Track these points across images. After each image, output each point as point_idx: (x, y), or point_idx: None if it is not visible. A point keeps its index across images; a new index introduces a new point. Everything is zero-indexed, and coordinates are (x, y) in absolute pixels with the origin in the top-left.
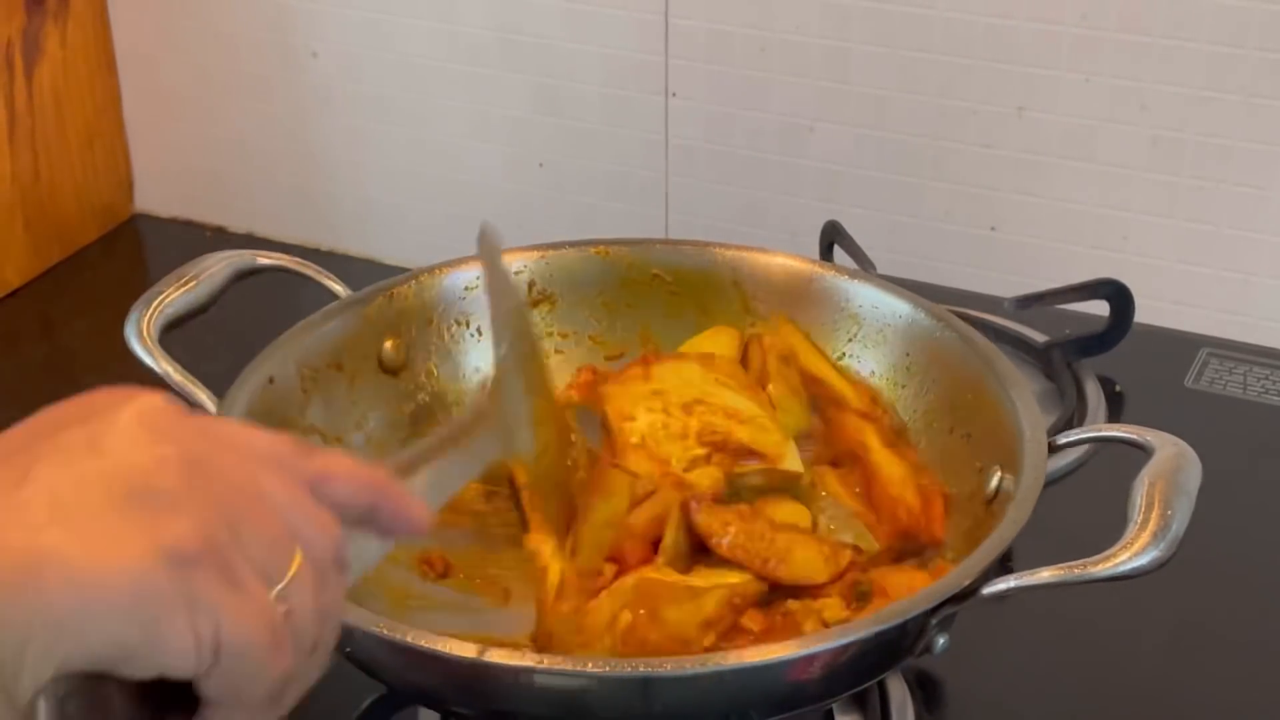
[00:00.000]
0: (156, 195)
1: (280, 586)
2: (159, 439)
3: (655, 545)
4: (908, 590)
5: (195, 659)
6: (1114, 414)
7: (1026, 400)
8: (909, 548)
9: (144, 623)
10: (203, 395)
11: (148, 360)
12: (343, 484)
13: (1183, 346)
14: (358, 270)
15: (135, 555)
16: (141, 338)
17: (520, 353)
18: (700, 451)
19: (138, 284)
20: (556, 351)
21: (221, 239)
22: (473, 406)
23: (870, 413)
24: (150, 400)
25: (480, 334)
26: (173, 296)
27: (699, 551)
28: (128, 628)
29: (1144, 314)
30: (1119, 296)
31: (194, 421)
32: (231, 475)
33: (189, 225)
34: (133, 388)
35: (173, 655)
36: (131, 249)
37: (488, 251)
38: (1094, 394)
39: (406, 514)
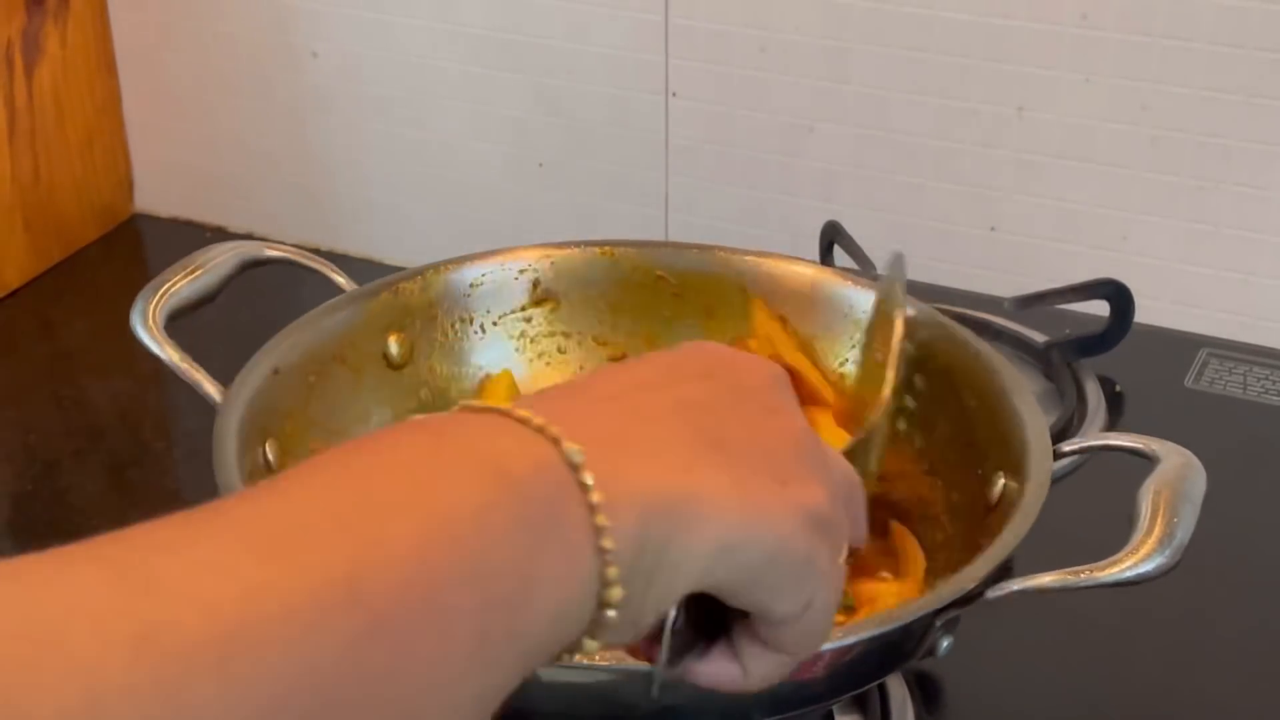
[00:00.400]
0: (156, 195)
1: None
2: (797, 412)
3: None
4: (884, 601)
5: (794, 611)
6: (1114, 414)
7: (1031, 406)
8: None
9: (777, 569)
10: (207, 384)
11: (154, 348)
12: (839, 468)
13: (1183, 346)
14: (357, 270)
15: (790, 511)
16: (148, 325)
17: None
18: None
19: (138, 284)
20: (559, 352)
21: (221, 239)
22: (876, 416)
23: (843, 409)
24: (775, 369)
25: (484, 331)
26: (179, 285)
27: None
28: (764, 571)
29: (1144, 314)
30: (1119, 296)
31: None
32: (829, 464)
33: (189, 225)
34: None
35: (782, 603)
36: (131, 249)
37: (898, 273)
38: (1094, 394)
39: (864, 517)
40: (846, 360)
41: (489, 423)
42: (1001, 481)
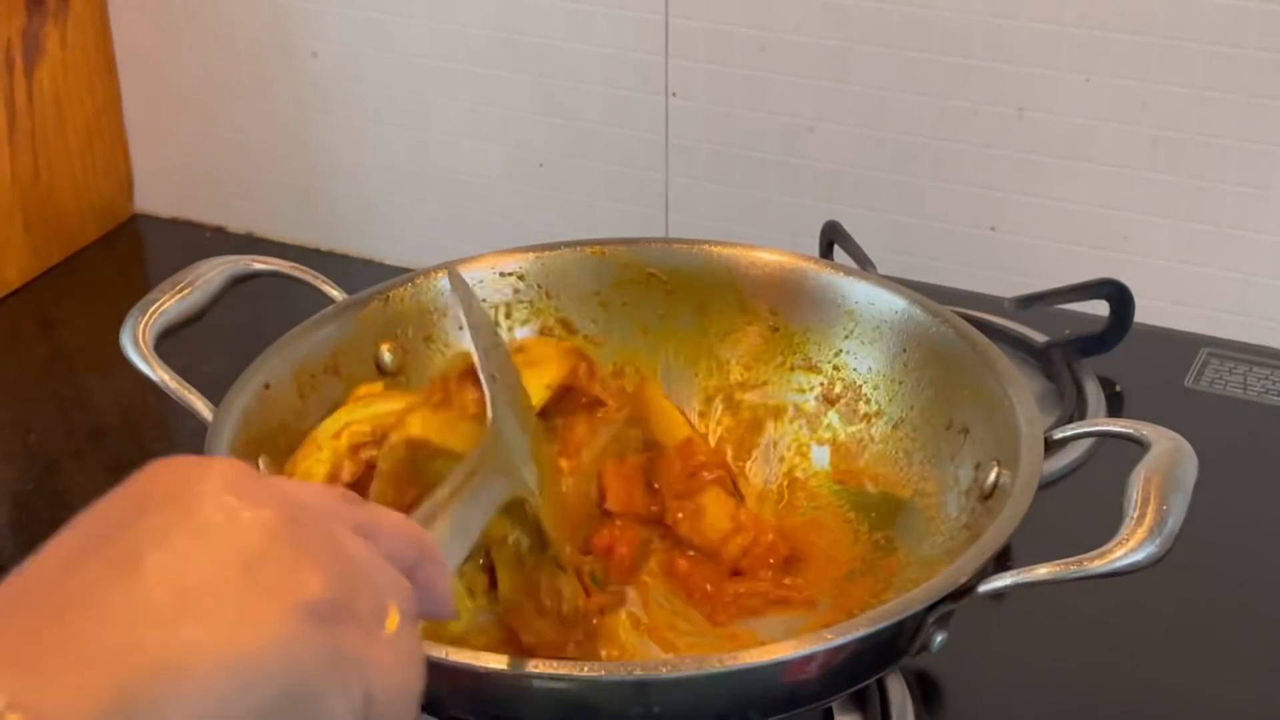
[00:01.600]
0: (156, 195)
1: (391, 627)
2: (250, 504)
3: None
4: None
5: (353, 718)
6: (1114, 414)
7: (1023, 396)
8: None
9: (303, 690)
10: (198, 402)
11: (144, 368)
12: (391, 538)
13: (1183, 346)
14: (357, 270)
15: (278, 621)
16: (137, 345)
17: (508, 387)
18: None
19: (138, 284)
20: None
21: (221, 239)
22: (476, 450)
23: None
24: (225, 467)
25: None
26: (168, 303)
27: None
28: (287, 701)
29: (1144, 314)
30: (1119, 296)
31: (268, 482)
32: (322, 535)
33: (189, 225)
34: (195, 458)
35: (334, 716)
36: (131, 249)
37: (462, 290)
38: (1094, 394)
39: (443, 584)
40: (840, 351)
41: None
42: (995, 472)
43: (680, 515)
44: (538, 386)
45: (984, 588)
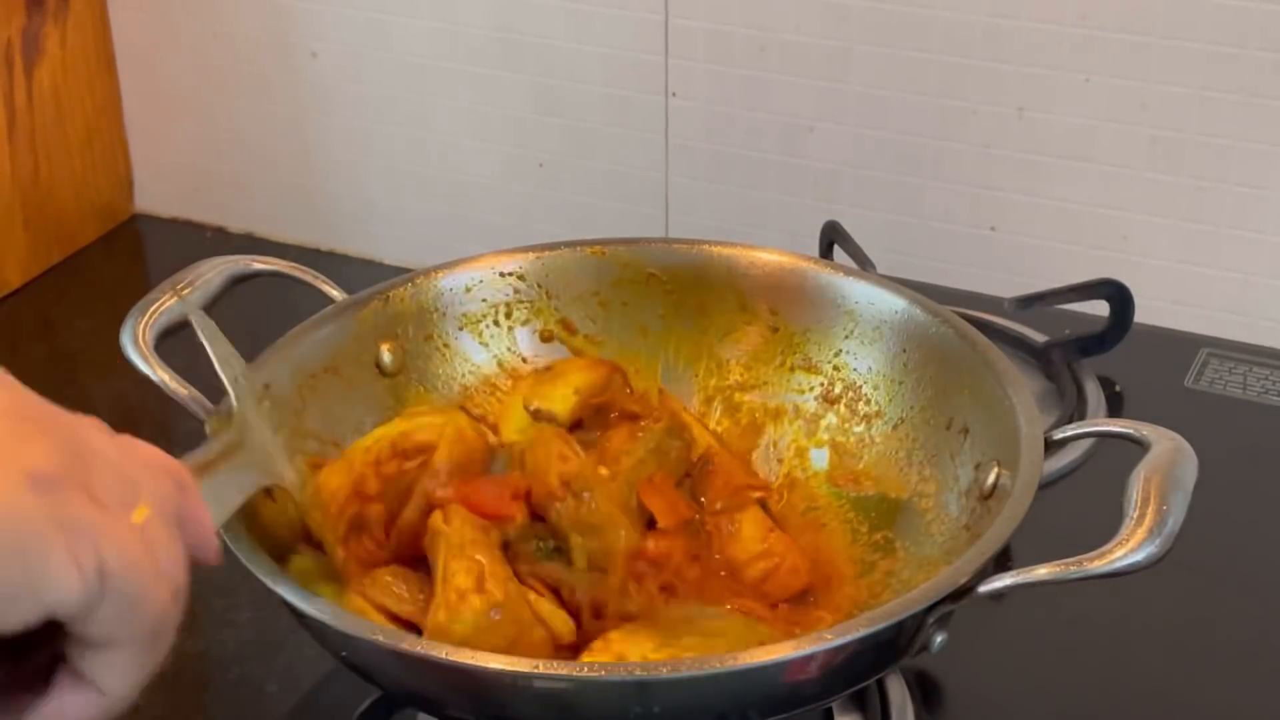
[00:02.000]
0: (156, 195)
1: (136, 512)
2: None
3: None
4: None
5: (82, 587)
6: (1114, 414)
7: (1023, 396)
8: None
9: (23, 553)
10: (198, 404)
11: (144, 368)
12: (150, 459)
13: (1183, 346)
14: (357, 270)
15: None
16: (137, 345)
17: (251, 407)
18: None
19: (138, 284)
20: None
21: (221, 239)
22: (224, 436)
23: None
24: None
25: (476, 335)
26: (168, 304)
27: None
28: (6, 563)
29: (1144, 314)
30: (1119, 296)
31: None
32: (66, 425)
33: (189, 225)
34: None
35: (59, 587)
36: (131, 249)
37: (207, 329)
38: (1094, 394)
39: (205, 520)
40: (840, 351)
41: None
42: (995, 472)
43: (716, 529)
44: (565, 393)
45: (984, 588)
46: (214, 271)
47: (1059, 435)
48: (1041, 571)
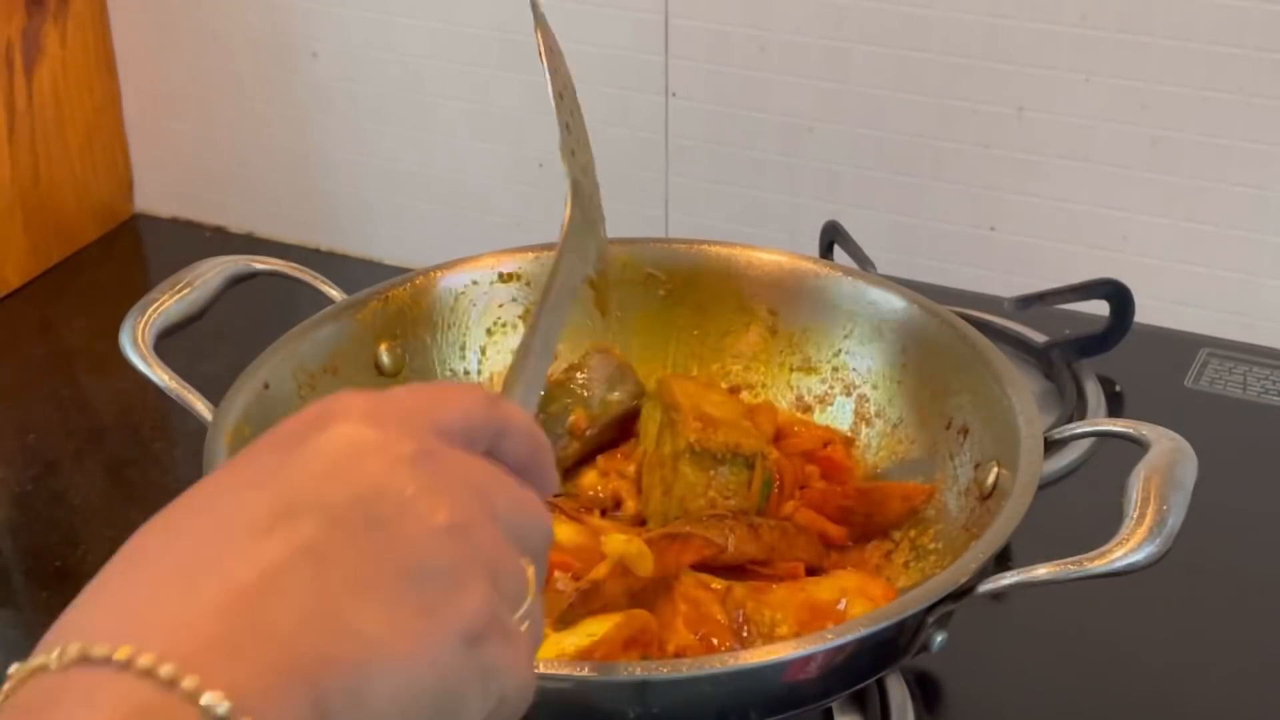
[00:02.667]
0: (156, 195)
1: (523, 610)
2: (433, 502)
3: None
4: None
5: (481, 718)
6: (1114, 414)
7: (1022, 395)
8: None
9: (448, 705)
10: (198, 402)
11: (143, 368)
12: (517, 441)
13: (1183, 346)
14: (357, 270)
15: (439, 643)
16: (137, 345)
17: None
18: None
19: (137, 284)
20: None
21: (221, 239)
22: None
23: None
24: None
25: (475, 335)
26: (167, 304)
27: None
28: (436, 711)
29: (1144, 314)
30: (1119, 296)
31: (392, 407)
32: (465, 488)
33: (188, 225)
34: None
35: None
36: (131, 249)
37: (540, 19)
38: (1094, 394)
39: (551, 470)
40: (840, 351)
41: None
42: (995, 471)
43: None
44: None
45: (984, 588)
46: (214, 271)
47: (1059, 435)
48: (1041, 571)
